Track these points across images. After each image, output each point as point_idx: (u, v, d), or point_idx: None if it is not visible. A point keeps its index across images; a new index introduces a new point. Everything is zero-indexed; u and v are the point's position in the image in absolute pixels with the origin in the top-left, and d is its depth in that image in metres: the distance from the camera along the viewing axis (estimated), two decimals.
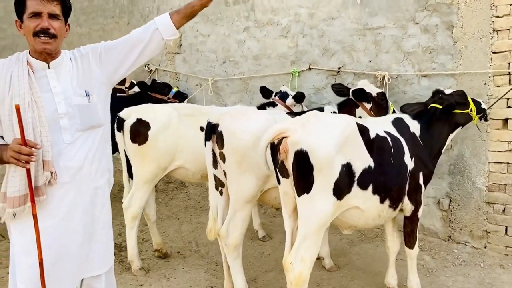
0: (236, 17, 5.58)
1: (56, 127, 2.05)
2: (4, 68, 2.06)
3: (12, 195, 2.00)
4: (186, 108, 4.07)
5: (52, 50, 2.05)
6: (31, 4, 1.99)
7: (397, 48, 4.38)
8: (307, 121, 2.60)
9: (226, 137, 3.04)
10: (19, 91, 1.99)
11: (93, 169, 2.20)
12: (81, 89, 2.14)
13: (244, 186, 3.10)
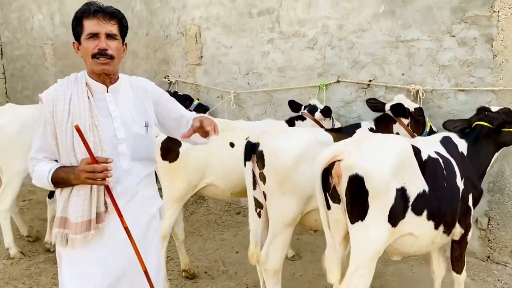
0: (260, 29, 5.46)
1: (114, 152, 2.01)
2: (63, 89, 2.00)
3: (75, 220, 1.94)
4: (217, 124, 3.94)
5: (111, 71, 2.02)
6: (88, 25, 1.96)
7: (432, 61, 4.24)
8: (360, 142, 2.46)
9: (267, 157, 2.91)
10: (80, 114, 1.95)
11: (147, 196, 2.17)
12: (140, 118, 2.11)
13: (284, 208, 2.96)
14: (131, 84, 2.18)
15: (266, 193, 2.97)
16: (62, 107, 1.96)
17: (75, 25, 2.02)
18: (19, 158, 4.52)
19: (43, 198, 6.74)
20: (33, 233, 5.24)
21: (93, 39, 1.96)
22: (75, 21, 2.02)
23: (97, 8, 1.97)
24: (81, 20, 1.98)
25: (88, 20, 1.96)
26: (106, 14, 1.98)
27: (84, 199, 1.95)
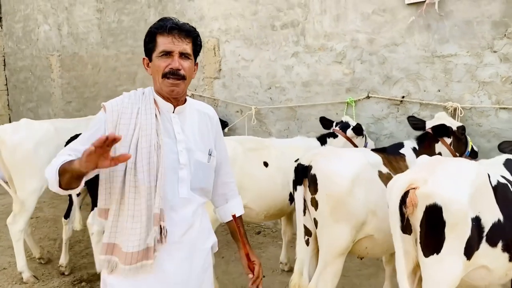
0: (283, 42, 5.29)
1: (173, 178, 1.84)
2: (131, 102, 1.87)
3: (126, 250, 1.75)
4: (249, 142, 3.75)
5: (180, 93, 1.88)
6: (162, 42, 1.82)
7: (471, 78, 4.08)
8: (433, 168, 2.27)
9: (320, 181, 2.70)
10: (146, 131, 1.81)
11: (203, 228, 1.97)
12: (204, 146, 1.97)
13: (337, 236, 2.75)
14: (197, 108, 2.04)
15: (318, 220, 2.76)
16: (128, 120, 1.82)
17: (147, 40, 1.88)
18: (35, 176, 4.30)
19: (51, 215, 6.47)
20: (44, 255, 4.96)
21: (166, 57, 1.81)
22: (148, 36, 1.88)
23: (173, 25, 1.83)
24: (155, 36, 1.84)
25: (163, 37, 1.82)
26: (181, 32, 1.84)
27: (141, 226, 1.75)
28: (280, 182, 3.68)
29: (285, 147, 3.90)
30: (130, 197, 1.76)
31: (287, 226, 4.38)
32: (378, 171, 2.98)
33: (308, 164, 2.76)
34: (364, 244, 2.91)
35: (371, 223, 2.83)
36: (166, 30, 1.81)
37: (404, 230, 2.29)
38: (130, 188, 1.76)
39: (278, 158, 3.75)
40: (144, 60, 1.93)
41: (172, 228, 1.82)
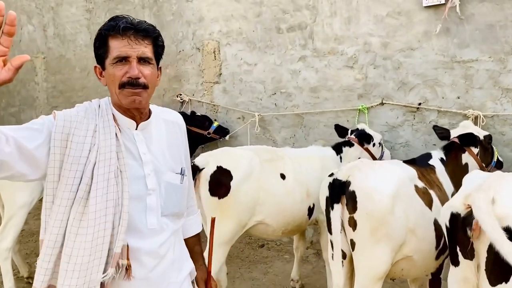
0: (290, 45, 5.03)
1: (140, 207, 1.56)
2: (87, 116, 1.55)
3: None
4: (264, 152, 3.47)
5: (143, 104, 1.56)
6: (115, 46, 1.50)
7: (494, 84, 3.90)
8: (495, 186, 2.02)
9: (360, 199, 2.43)
10: (105, 154, 1.50)
11: (175, 259, 1.69)
12: (175, 164, 1.69)
13: (378, 258, 2.49)
14: (164, 118, 1.74)
15: (356, 241, 2.49)
16: (82, 139, 1.50)
17: (98, 45, 1.56)
18: (24, 190, 3.93)
19: (36, 228, 6.04)
20: (33, 274, 4.55)
21: (121, 64, 1.50)
22: (98, 39, 1.56)
23: (127, 25, 1.51)
24: (106, 39, 1.53)
25: (116, 39, 1.51)
26: (138, 33, 1.52)
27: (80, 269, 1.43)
28: (298, 195, 3.41)
29: (300, 157, 3.64)
30: (72, 232, 1.44)
31: (299, 241, 4.11)
32: (415, 185, 2.74)
33: (346, 180, 2.49)
34: (401, 265, 2.66)
35: (410, 243, 2.59)
36: (119, 31, 1.49)
37: (465, 255, 2.03)
38: (73, 221, 1.45)
39: (295, 169, 3.48)
40: (97, 69, 1.61)
41: (137, 264, 1.54)
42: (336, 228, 2.48)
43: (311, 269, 4.67)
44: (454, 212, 2.04)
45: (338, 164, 3.81)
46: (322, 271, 4.63)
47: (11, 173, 1.38)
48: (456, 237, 2.06)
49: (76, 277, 1.42)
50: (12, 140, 1.35)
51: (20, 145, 1.37)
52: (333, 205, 2.49)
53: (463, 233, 1.98)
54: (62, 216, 1.44)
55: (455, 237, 2.06)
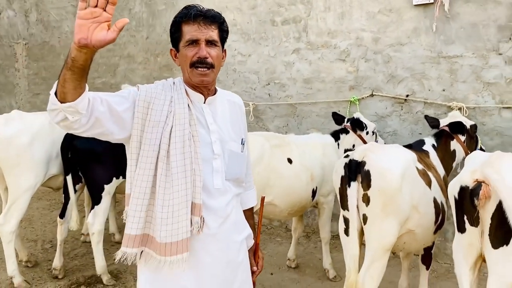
0: (284, 38, 5.25)
1: (208, 168, 1.81)
2: (164, 89, 1.82)
3: (164, 240, 1.69)
4: (273, 138, 3.70)
5: (210, 82, 1.84)
6: (187, 31, 1.77)
7: (476, 78, 4.26)
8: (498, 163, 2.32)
9: (374, 177, 2.69)
10: (180, 120, 1.76)
11: (238, 220, 1.96)
12: (236, 135, 1.96)
13: (386, 232, 2.76)
14: (228, 98, 2.02)
15: (368, 216, 2.75)
16: (161, 107, 1.75)
17: (173, 30, 1.83)
18: (30, 172, 3.97)
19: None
20: (31, 258, 4.60)
21: (192, 46, 1.77)
22: (173, 26, 1.83)
23: (198, 12, 1.77)
24: (180, 25, 1.79)
25: (188, 25, 1.77)
26: (207, 19, 1.77)
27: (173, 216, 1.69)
28: (305, 178, 3.66)
29: (304, 144, 3.90)
30: (161, 186, 1.70)
31: (298, 223, 4.36)
32: (416, 167, 3.03)
33: (362, 160, 2.74)
34: (404, 239, 2.95)
35: (414, 219, 2.88)
36: (191, 18, 1.75)
37: (471, 222, 2.33)
38: (161, 176, 1.70)
39: (300, 155, 3.73)
40: (172, 51, 1.89)
41: (207, 220, 1.79)
42: (353, 203, 2.74)
43: (303, 250, 4.94)
44: (463, 185, 2.34)
45: (336, 150, 4.08)
46: (313, 251, 4.92)
47: (102, 130, 1.64)
48: (464, 207, 2.35)
49: (171, 223, 1.67)
50: (105, 102, 1.62)
51: (111, 107, 1.64)
52: (350, 183, 2.74)
53: (471, 202, 2.28)
54: (148, 172, 1.69)
55: (463, 207, 2.36)
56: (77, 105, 1.48)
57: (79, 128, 1.57)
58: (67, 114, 1.49)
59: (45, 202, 6.71)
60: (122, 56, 6.59)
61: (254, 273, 2.15)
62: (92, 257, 4.18)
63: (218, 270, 1.84)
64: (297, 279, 4.29)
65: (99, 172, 3.99)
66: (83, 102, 1.50)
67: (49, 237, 5.28)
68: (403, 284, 3.73)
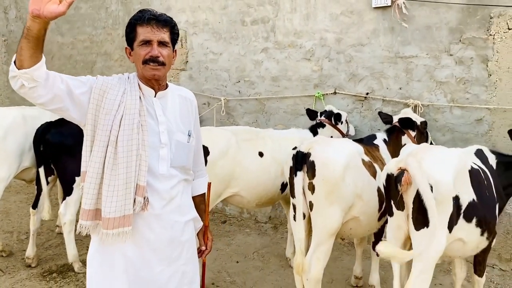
0: (253, 37, 5.47)
1: (154, 155, 2.01)
2: (119, 82, 2.03)
3: (107, 216, 1.90)
4: (244, 133, 3.90)
5: (161, 77, 2.04)
6: (142, 32, 1.98)
7: (430, 77, 4.53)
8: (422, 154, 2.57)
9: (318, 167, 2.93)
10: (130, 110, 1.96)
11: (183, 203, 2.14)
12: (183, 127, 2.15)
13: (331, 218, 2.99)
14: (179, 93, 2.22)
15: (314, 203, 2.99)
16: (114, 97, 1.96)
17: (128, 31, 2.03)
18: (2, 165, 4.13)
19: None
20: (6, 248, 4.76)
21: (145, 46, 1.98)
22: (129, 27, 2.03)
23: (151, 16, 1.99)
24: (134, 26, 2.00)
25: (142, 27, 1.98)
26: (159, 22, 1.99)
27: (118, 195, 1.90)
28: (274, 172, 3.84)
29: (281, 138, 4.04)
30: (108, 167, 1.90)
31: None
32: (362, 159, 3.27)
33: (307, 152, 2.98)
34: (350, 225, 3.19)
35: (357, 206, 3.11)
36: (145, 20, 1.96)
37: (397, 206, 2.58)
38: (109, 159, 1.90)
39: (274, 148, 3.88)
40: (127, 50, 2.09)
41: (152, 200, 2.00)
42: (299, 191, 2.97)
43: (270, 240, 5.17)
44: (389, 173, 2.58)
45: None
46: (279, 242, 5.15)
47: (61, 106, 1.85)
48: (390, 193, 2.60)
49: (115, 201, 1.89)
50: (65, 82, 1.84)
51: (69, 88, 1.85)
52: (296, 173, 2.97)
53: (395, 188, 2.52)
54: (100, 154, 1.91)
55: (389, 192, 2.60)
56: (32, 72, 1.67)
57: (38, 99, 1.77)
58: (23, 81, 1.69)
59: (23, 195, 6.84)
60: (99, 54, 6.75)
61: (203, 253, 2.38)
62: (65, 247, 4.35)
63: (160, 246, 2.05)
64: (260, 266, 4.52)
65: (70, 164, 4.15)
66: (39, 71, 1.69)
67: (25, 229, 5.41)
68: (357, 269, 3.99)
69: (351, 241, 4.84)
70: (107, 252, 2.00)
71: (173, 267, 2.10)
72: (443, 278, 4.17)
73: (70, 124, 4.00)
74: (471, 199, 2.69)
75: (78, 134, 2.03)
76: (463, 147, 3.33)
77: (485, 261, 3.24)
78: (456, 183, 2.57)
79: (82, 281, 4.13)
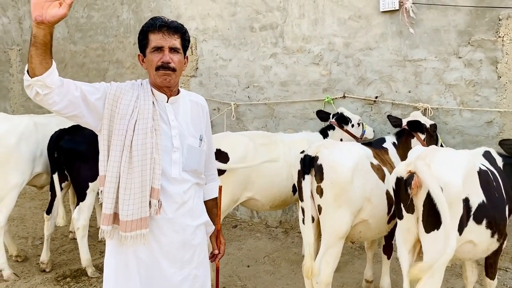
0: (262, 43, 5.52)
1: (167, 159, 2.05)
2: (132, 88, 2.07)
3: (124, 219, 1.95)
4: (260, 137, 3.96)
5: (172, 83, 2.08)
6: (154, 39, 2.03)
7: (439, 80, 4.52)
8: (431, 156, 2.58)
9: (326, 170, 2.95)
10: (144, 115, 2.01)
11: (195, 207, 2.18)
12: (195, 132, 2.18)
13: (339, 221, 3.01)
14: (191, 99, 2.26)
15: (322, 206, 3.01)
16: (128, 102, 2.01)
17: (141, 38, 2.08)
18: (16, 171, 4.25)
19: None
20: (21, 253, 4.85)
21: (157, 52, 2.02)
22: (141, 34, 2.08)
23: (162, 23, 2.03)
24: (147, 34, 2.05)
25: (154, 34, 2.03)
26: (170, 29, 2.04)
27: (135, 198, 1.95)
28: (286, 175, 3.88)
29: (292, 142, 4.09)
30: (124, 171, 1.95)
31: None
32: (370, 162, 3.28)
33: (315, 155, 3.00)
34: (359, 228, 3.20)
35: (366, 209, 3.12)
36: (156, 27, 2.02)
37: (407, 209, 2.59)
38: (125, 163, 1.95)
39: (285, 152, 3.93)
40: (140, 57, 2.14)
41: (164, 204, 2.04)
42: (307, 195, 2.99)
43: (280, 245, 5.19)
44: (398, 176, 2.59)
45: None
46: (290, 246, 5.17)
47: (76, 112, 1.91)
48: (400, 196, 2.61)
49: (132, 204, 1.94)
50: (79, 89, 1.91)
51: (84, 94, 1.92)
52: (304, 176, 2.99)
53: (405, 191, 2.53)
54: (117, 158, 1.97)
55: (399, 196, 2.61)
56: (44, 79, 1.73)
57: (54, 105, 1.83)
58: (37, 88, 1.75)
59: (37, 202, 6.96)
60: (111, 61, 6.86)
61: (216, 257, 2.41)
62: (79, 252, 4.41)
63: (172, 249, 2.09)
64: (271, 271, 4.54)
65: (83, 170, 4.23)
66: (51, 77, 1.74)
67: (39, 235, 5.50)
68: (367, 273, 3.98)
69: (361, 245, 4.84)
70: (122, 254, 2.05)
71: (185, 270, 2.13)
72: (454, 281, 4.14)
73: (83, 131, 4.10)
74: (480, 200, 2.69)
75: (91, 141, 2.10)
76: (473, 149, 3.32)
77: (497, 264, 3.22)
78: (465, 185, 2.57)
79: (95, 285, 4.19)
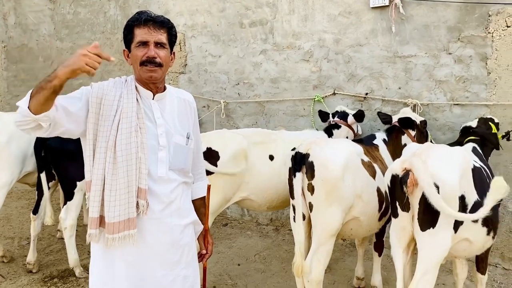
0: (252, 39, 5.47)
1: (153, 158, 2.01)
2: (115, 86, 2.01)
3: (112, 220, 1.91)
4: (256, 135, 3.84)
5: (158, 79, 2.03)
6: (139, 33, 1.97)
7: (429, 77, 4.52)
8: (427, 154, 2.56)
9: (317, 168, 2.92)
10: (127, 113, 1.96)
11: (182, 206, 2.12)
12: (182, 129, 2.13)
13: (331, 218, 2.98)
14: (178, 96, 2.21)
15: (313, 203, 2.98)
16: (111, 102, 1.95)
17: (126, 33, 2.03)
18: (5, 170, 4.15)
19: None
20: (7, 253, 4.75)
21: (142, 47, 1.97)
22: (126, 29, 2.03)
23: (148, 18, 1.98)
24: (132, 28, 2.00)
25: (139, 28, 1.97)
26: (156, 23, 1.99)
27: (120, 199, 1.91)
28: (284, 175, 3.75)
29: (294, 140, 3.91)
30: (108, 172, 1.91)
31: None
32: (361, 159, 3.25)
33: (306, 152, 2.96)
34: (350, 225, 3.17)
35: (358, 206, 3.10)
36: (141, 22, 1.96)
37: (402, 208, 2.56)
38: (109, 164, 1.91)
39: (285, 151, 3.76)
40: (125, 52, 2.08)
41: (151, 204, 1.99)
42: (298, 192, 2.96)
43: (271, 242, 5.16)
44: (394, 174, 2.56)
45: None
46: (280, 244, 5.14)
47: (63, 130, 1.87)
48: (395, 194, 2.58)
49: (118, 205, 1.89)
50: (60, 107, 1.83)
51: (66, 110, 1.87)
52: (295, 174, 2.96)
53: (401, 189, 2.51)
54: (102, 161, 1.91)
55: (394, 194, 2.59)
56: (49, 113, 1.74)
57: (44, 132, 1.81)
58: (41, 123, 1.74)
59: (24, 201, 6.84)
60: None
61: (204, 257, 2.36)
62: (66, 252, 4.34)
63: (161, 250, 2.04)
64: (262, 269, 4.50)
65: (71, 169, 4.14)
66: (52, 109, 1.76)
67: (26, 235, 5.40)
68: (359, 270, 3.97)
69: (352, 242, 4.83)
70: (108, 258, 1.99)
71: (175, 271, 2.09)
72: (445, 278, 4.15)
73: None
74: (476, 198, 2.67)
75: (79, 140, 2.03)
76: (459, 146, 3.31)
77: (487, 259, 3.23)
78: (461, 182, 2.55)
79: (83, 286, 4.12)
